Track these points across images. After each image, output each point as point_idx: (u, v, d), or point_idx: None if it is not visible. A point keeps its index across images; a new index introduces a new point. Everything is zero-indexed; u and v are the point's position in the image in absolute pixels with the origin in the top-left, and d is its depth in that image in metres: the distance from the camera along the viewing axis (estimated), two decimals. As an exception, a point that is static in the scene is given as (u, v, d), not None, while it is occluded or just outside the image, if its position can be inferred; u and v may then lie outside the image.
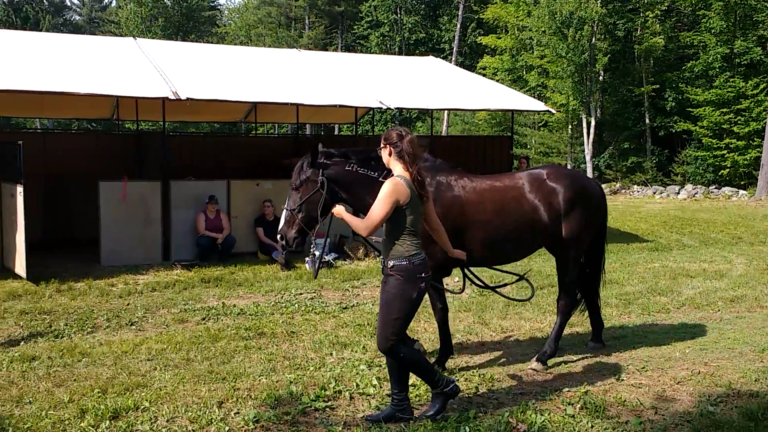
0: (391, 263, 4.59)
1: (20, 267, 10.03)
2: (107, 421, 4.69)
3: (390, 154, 4.69)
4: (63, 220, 13.74)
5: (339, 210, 4.85)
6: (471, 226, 5.74)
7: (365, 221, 4.55)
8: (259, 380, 5.62)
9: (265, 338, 7.06)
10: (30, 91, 11.30)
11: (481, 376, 5.76)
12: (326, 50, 40.20)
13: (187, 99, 11.34)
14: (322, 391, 5.29)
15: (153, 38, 35.41)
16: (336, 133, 36.64)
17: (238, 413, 4.88)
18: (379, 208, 4.49)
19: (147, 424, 4.68)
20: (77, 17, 54.95)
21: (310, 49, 30.19)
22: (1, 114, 20.23)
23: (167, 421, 4.77)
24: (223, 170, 14.00)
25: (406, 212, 4.54)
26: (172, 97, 11.30)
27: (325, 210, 5.40)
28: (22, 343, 6.85)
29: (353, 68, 16.07)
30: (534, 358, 6.09)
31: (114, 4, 53.03)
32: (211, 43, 37.13)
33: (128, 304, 8.69)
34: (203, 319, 7.98)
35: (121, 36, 31.35)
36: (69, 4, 54.80)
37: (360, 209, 5.37)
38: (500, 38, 36.62)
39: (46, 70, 11.99)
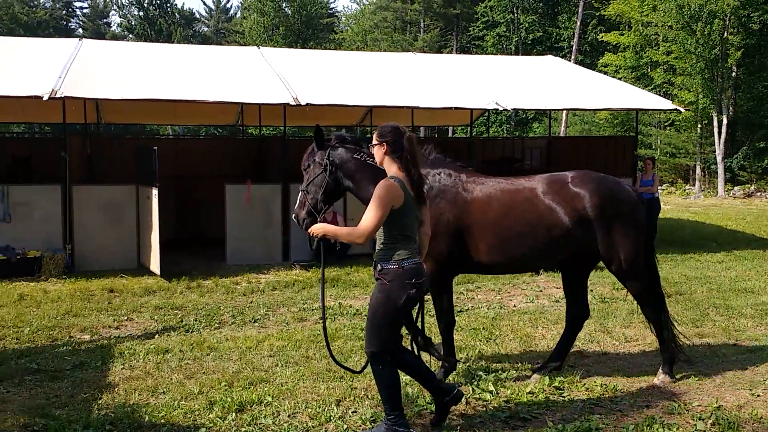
0: (380, 267, 4.35)
1: (155, 264, 10.70)
2: (233, 414, 4.91)
3: (386, 153, 4.43)
4: (192, 221, 14.56)
5: (318, 227, 4.53)
6: (476, 227, 5.42)
7: (359, 229, 4.25)
8: (374, 382, 5.67)
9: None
10: (164, 100, 12.05)
11: (603, 386, 5.54)
12: (441, 53, 40.25)
13: (307, 104, 11.71)
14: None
15: (274, 46, 36.86)
16: (450, 135, 36.56)
17: (355, 412, 4.97)
18: (373, 213, 4.22)
19: (270, 418, 4.86)
20: (205, 28, 58.09)
21: (425, 52, 30.31)
22: (138, 121, 21.65)
23: (288, 416, 4.92)
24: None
25: (399, 216, 4.30)
26: (293, 102, 11.70)
27: (331, 195, 5.32)
28: (157, 336, 7.30)
29: (469, 70, 15.97)
30: (660, 370, 5.79)
31: (239, 15, 55.60)
32: (329, 49, 38.13)
33: (251, 302, 9.06)
34: (320, 318, 8.18)
35: (245, 45, 32.83)
36: (198, 16, 58.03)
37: (363, 200, 5.04)
38: (623, 34, 35.21)
39: (178, 80, 12.75)
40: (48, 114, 15.73)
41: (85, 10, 57.92)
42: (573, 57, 38.64)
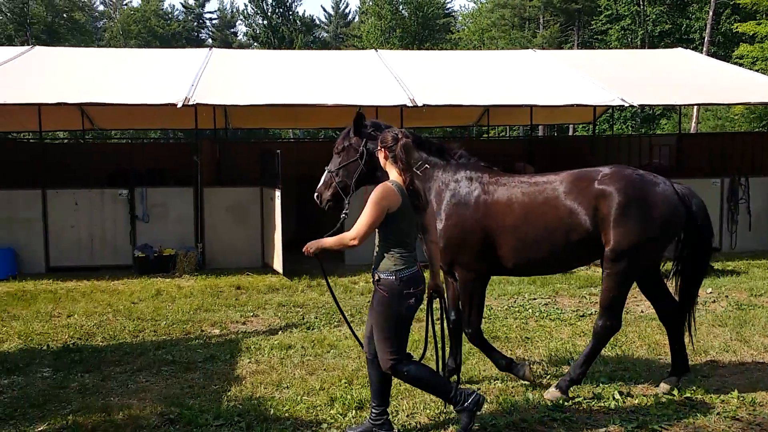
0: (377, 277, 4.31)
1: (278, 263, 11.11)
2: (353, 411, 5.01)
3: (386, 158, 4.43)
4: (313, 221, 14.98)
5: (311, 245, 4.49)
6: (498, 230, 5.22)
7: (351, 232, 4.22)
8: (494, 384, 5.61)
9: (498, 342, 7.02)
10: (287, 105, 12.48)
11: (741, 398, 5.18)
12: (561, 48, 39.16)
13: (424, 105, 11.74)
14: (560, 400, 5.13)
15: (391, 49, 37.27)
16: (571, 133, 35.49)
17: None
18: (367, 216, 4.20)
19: (393, 417, 4.90)
20: (325, 34, 59.71)
21: (544, 49, 29.61)
22: (262, 125, 22.60)
23: (407, 416, 4.95)
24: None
25: (396, 220, 4.24)
26: (410, 104, 11.77)
27: (360, 181, 5.25)
28: (280, 332, 7.56)
29: (591, 65, 15.43)
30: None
31: (357, 19, 56.70)
32: (445, 49, 38.08)
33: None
34: (439, 319, 8.16)
35: (362, 49, 33.42)
36: (318, 22, 59.74)
37: None
38: (760, 24, 32.75)
39: (300, 85, 13.17)
40: (181, 120, 16.72)
41: (214, 21, 61.15)
42: (705, 49, 36.42)
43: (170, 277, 11.07)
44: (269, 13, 50.37)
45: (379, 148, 4.47)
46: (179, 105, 11.25)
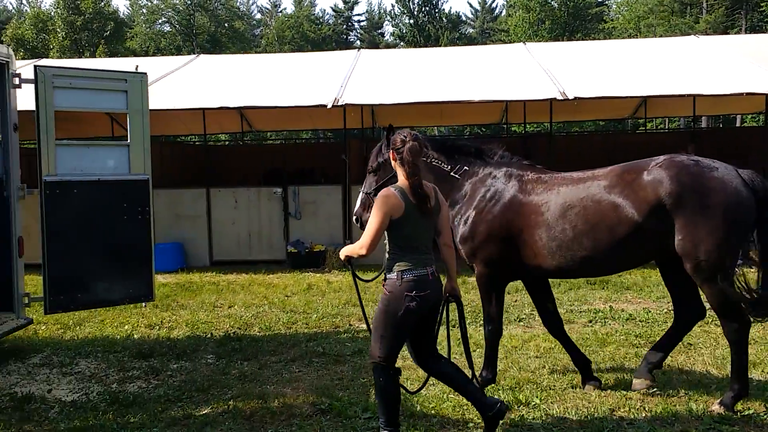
0: (384, 276, 4.23)
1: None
2: (500, 413, 4.89)
3: (395, 160, 4.25)
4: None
5: (342, 253, 4.45)
6: (532, 229, 4.96)
7: (360, 241, 4.18)
8: (653, 392, 5.26)
9: (657, 347, 6.60)
10: (432, 102, 12.51)
11: None
12: (727, 34, 36.27)
13: (575, 98, 11.31)
14: (728, 412, 4.72)
15: (540, 41, 36.34)
16: (738, 124, 32.77)
17: (631, 424, 4.64)
18: (370, 224, 4.14)
19: (538, 421, 4.75)
20: (471, 30, 59.35)
21: (708, 35, 27.55)
22: (408, 123, 22.75)
23: (558, 420, 4.77)
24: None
25: (401, 226, 4.13)
26: (560, 97, 11.38)
27: None
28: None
29: (762, 51, 14.13)
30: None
31: (504, 13, 55.87)
32: (598, 39, 36.52)
33: (516, 301, 8.99)
34: (590, 321, 7.83)
35: (509, 43, 32.84)
36: (464, 18, 59.50)
37: None
38: None
39: (445, 82, 13.16)
40: (331, 120, 17.28)
41: (362, 23, 62.75)
42: None
43: (320, 272, 11.47)
44: (415, 12, 50.90)
45: (390, 150, 4.33)
46: (329, 106, 11.62)
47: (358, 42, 59.63)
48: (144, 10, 49.25)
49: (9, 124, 6.78)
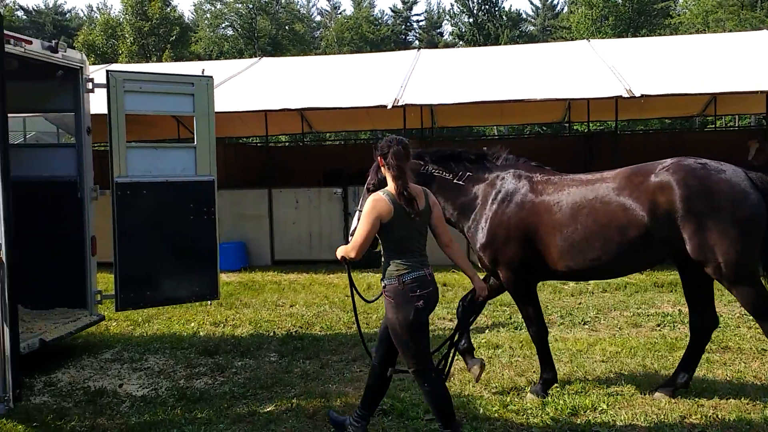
0: (383, 283, 4.25)
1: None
2: (566, 417, 4.80)
3: (383, 165, 4.31)
4: None
5: (339, 252, 4.47)
6: (544, 231, 4.97)
7: (352, 241, 4.29)
8: (726, 399, 5.07)
9: (730, 353, 6.37)
10: (493, 102, 12.38)
11: None
12: (802, 26, 34.70)
13: (642, 96, 11.01)
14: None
15: (602, 38, 35.54)
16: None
17: (703, 433, 4.49)
18: (360, 227, 4.24)
19: (605, 427, 4.64)
20: (531, 27, 58.54)
21: (781, 28, 26.39)
22: (467, 123, 22.68)
23: (625, 426, 4.65)
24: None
25: (391, 229, 4.18)
26: (626, 95, 11.09)
27: None
28: (487, 331, 7.50)
29: (843, 42, 13.46)
30: None
31: (565, 10, 54.90)
32: (664, 35, 35.49)
33: (580, 303, 8.81)
34: (658, 325, 7.61)
35: (571, 40, 32.25)
36: (524, 16, 58.76)
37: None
38: None
39: (506, 81, 13.00)
40: (390, 120, 17.30)
41: (421, 23, 62.71)
42: None
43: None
44: (475, 11, 50.54)
45: (377, 156, 4.38)
46: (389, 106, 11.63)
47: (417, 42, 59.58)
48: (208, 15, 50.44)
49: (83, 128, 7.03)
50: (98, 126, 7.31)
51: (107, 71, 6.84)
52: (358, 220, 5.24)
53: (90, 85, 7.02)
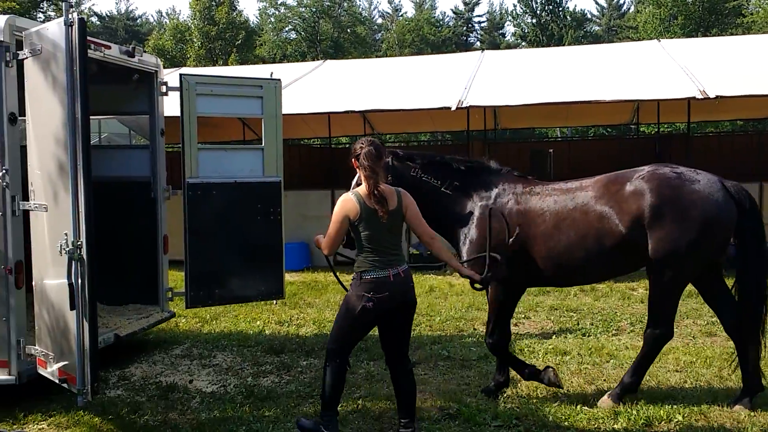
0: (351, 275, 4.51)
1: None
2: (640, 427, 4.66)
3: (357, 167, 4.48)
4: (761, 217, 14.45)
5: (317, 241, 4.69)
6: (532, 239, 5.05)
7: (324, 239, 4.54)
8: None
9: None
10: (559, 103, 12.16)
11: None
12: None
13: (717, 97, 10.63)
14: (613, 409, 4.40)
15: (671, 38, 34.51)
16: None
17: (787, 450, 4.28)
18: (330, 225, 4.46)
19: (681, 439, 4.49)
20: (596, 28, 57.30)
21: None
22: (531, 125, 22.37)
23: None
24: (755, 171, 12.71)
25: (358, 229, 4.39)
26: (699, 96, 10.74)
27: None
28: (554, 336, 7.36)
29: None
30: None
31: (632, 9, 53.57)
32: (736, 35, 34.21)
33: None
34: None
35: (638, 40, 31.42)
36: (589, 16, 57.58)
37: (425, 218, 4.74)
38: None
39: (571, 82, 12.75)
40: (452, 122, 17.23)
41: (482, 24, 62.22)
42: None
43: (441, 275, 11.44)
44: (538, 12, 49.82)
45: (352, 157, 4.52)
46: (453, 108, 11.57)
47: (478, 43, 59.15)
48: (272, 19, 51.29)
49: (157, 130, 7.23)
50: (167, 128, 7.50)
51: (180, 75, 7.00)
52: None
53: (164, 89, 7.21)
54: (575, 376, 5.91)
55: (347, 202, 4.39)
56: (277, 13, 51.17)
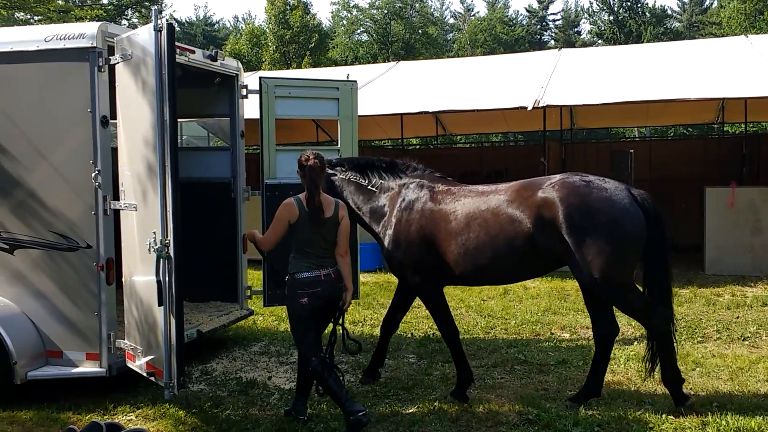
0: (286, 277, 4.87)
1: (628, 269, 10.55)
2: (729, 440, 4.47)
3: (300, 177, 4.89)
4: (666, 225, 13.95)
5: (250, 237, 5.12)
6: (443, 238, 5.28)
7: (263, 236, 5.00)
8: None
9: None
10: (639, 102, 11.81)
11: None
12: None
13: (811, 94, 10.09)
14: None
15: (756, 33, 32.96)
16: None
17: None
18: (271, 224, 4.87)
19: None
20: (677, 24, 55.33)
21: None
22: (608, 125, 21.79)
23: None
24: None
25: (296, 230, 4.78)
26: (792, 93, 10.21)
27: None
28: (635, 342, 7.13)
29: None
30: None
31: (715, 5, 51.49)
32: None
33: (738, 317, 8.19)
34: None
35: (721, 36, 30.17)
36: (669, 12, 55.66)
37: (356, 218, 5.70)
38: None
39: (652, 79, 12.35)
40: (527, 122, 16.97)
41: (557, 22, 61.05)
42: None
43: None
44: (615, 8, 48.50)
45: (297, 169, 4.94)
46: (529, 108, 11.39)
47: (552, 42, 58.05)
48: (344, 22, 51.84)
49: (237, 132, 7.42)
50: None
51: (260, 78, 7.17)
52: None
53: (244, 92, 7.38)
54: (659, 384, 5.69)
55: (288, 206, 4.81)
56: (349, 15, 51.66)
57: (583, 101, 11.77)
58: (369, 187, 5.78)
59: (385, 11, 49.23)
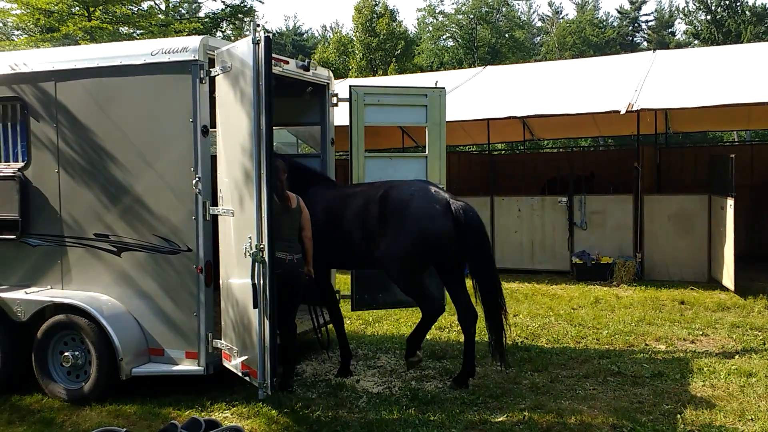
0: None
1: (728, 279, 10.08)
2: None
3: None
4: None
5: None
6: (315, 230, 6.06)
7: None
8: None
9: None
10: (741, 104, 11.26)
11: None
12: None
13: None
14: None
15: None
16: None
17: None
18: None
19: None
20: (780, 21, 52.27)
21: None
22: (706, 128, 20.82)
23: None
24: None
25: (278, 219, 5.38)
26: None
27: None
28: (737, 356, 6.81)
29: None
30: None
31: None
32: None
33: None
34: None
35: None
36: (772, 9, 52.64)
37: None
38: None
39: (755, 81, 11.73)
40: (619, 126, 16.45)
41: (650, 23, 58.97)
42: None
43: (608, 286, 10.97)
44: (713, 8, 46.39)
45: None
46: (623, 111, 11.08)
47: (645, 43, 56.12)
48: (430, 28, 51.91)
49: (327, 139, 7.58)
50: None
51: (350, 86, 7.30)
52: None
53: (335, 100, 7.54)
54: (763, 400, 5.43)
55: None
56: (435, 21, 51.71)
57: (679, 104, 11.32)
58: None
59: (471, 16, 48.99)
